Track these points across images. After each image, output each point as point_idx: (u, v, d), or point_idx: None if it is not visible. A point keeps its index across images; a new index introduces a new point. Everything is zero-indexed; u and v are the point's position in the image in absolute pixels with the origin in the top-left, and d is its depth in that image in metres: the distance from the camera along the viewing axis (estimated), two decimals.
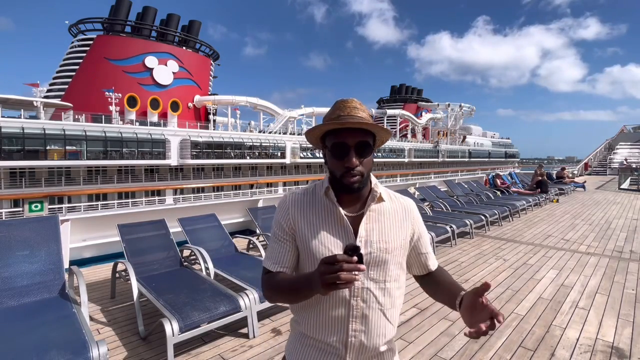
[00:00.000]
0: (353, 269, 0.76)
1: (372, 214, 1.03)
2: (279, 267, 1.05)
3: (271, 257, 1.07)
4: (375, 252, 1.00)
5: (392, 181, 40.43)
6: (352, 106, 0.98)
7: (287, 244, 1.05)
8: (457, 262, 4.75)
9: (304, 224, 1.03)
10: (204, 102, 34.22)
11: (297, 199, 1.07)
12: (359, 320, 0.99)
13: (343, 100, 1.01)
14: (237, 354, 2.53)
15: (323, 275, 0.78)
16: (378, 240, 1.01)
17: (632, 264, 4.66)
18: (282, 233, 1.06)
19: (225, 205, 24.58)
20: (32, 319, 2.34)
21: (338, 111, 0.98)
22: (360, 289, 0.99)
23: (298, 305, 1.06)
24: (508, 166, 66.65)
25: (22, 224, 2.96)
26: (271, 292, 1.03)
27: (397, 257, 1.04)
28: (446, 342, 2.67)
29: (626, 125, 31.91)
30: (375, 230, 1.02)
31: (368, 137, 0.99)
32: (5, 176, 19.54)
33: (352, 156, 0.96)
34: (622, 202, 11.06)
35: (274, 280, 1.03)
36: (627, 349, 2.58)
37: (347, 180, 0.97)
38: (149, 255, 3.70)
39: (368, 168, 1.00)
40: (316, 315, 1.01)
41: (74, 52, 30.17)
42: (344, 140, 0.96)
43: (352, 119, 0.95)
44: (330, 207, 1.03)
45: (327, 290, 0.79)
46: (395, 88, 75.72)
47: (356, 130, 0.97)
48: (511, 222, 7.57)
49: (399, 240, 1.04)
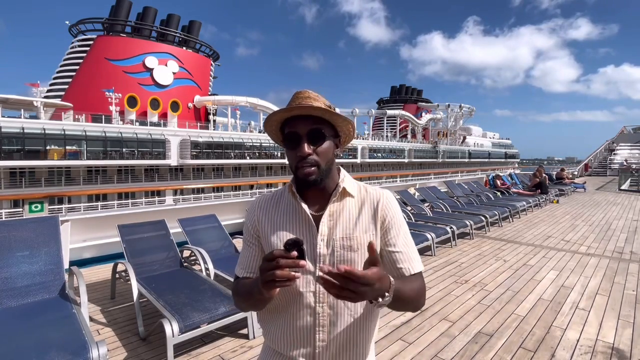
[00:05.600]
0: (291, 265, 0.71)
1: (334, 210, 0.96)
2: (246, 273, 1.00)
3: (240, 263, 1.03)
4: (339, 250, 0.92)
5: (392, 182, 40.40)
6: (305, 96, 0.93)
7: (254, 248, 1.01)
8: (457, 262, 4.75)
9: (268, 225, 0.98)
10: (204, 102, 34.21)
11: (264, 201, 1.03)
12: (327, 329, 0.92)
13: (298, 92, 0.96)
14: (237, 354, 2.53)
15: (262, 274, 0.74)
16: (341, 238, 0.93)
17: (632, 265, 4.66)
18: (249, 237, 1.02)
19: (225, 205, 24.55)
20: (32, 319, 2.34)
21: (292, 102, 0.94)
22: (326, 294, 0.90)
23: (263, 314, 1.01)
24: (508, 167, 66.61)
25: (22, 224, 2.96)
26: (236, 298, 0.99)
27: (366, 256, 0.96)
28: (446, 342, 2.66)
29: (626, 126, 31.93)
30: (338, 227, 0.94)
31: (322, 125, 0.92)
32: (5, 176, 19.52)
33: (303, 144, 0.89)
34: (622, 203, 11.06)
35: (237, 286, 0.99)
36: (627, 350, 2.58)
37: (301, 171, 0.90)
38: (149, 256, 3.70)
39: (325, 158, 0.92)
40: (281, 326, 0.96)
41: (74, 52, 30.16)
42: (295, 129, 0.91)
43: (301, 106, 0.89)
44: (295, 205, 0.97)
45: (268, 290, 0.75)
46: (395, 88, 75.78)
47: (308, 118, 0.91)
48: (511, 223, 7.57)
49: (367, 236, 0.94)
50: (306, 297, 0.92)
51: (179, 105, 32.44)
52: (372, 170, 40.41)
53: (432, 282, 4.01)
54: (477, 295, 3.61)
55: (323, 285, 0.70)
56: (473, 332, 2.83)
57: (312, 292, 0.92)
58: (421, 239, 4.98)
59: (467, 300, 3.47)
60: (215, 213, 4.93)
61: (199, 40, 36.63)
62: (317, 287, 0.92)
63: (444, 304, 3.39)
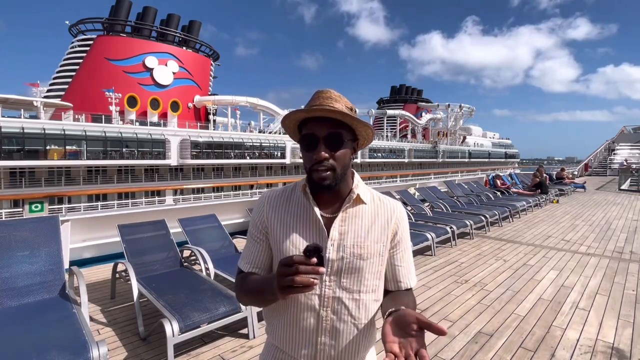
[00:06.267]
0: (310, 272, 0.70)
1: (347, 216, 0.94)
2: (251, 268, 1.00)
3: (245, 257, 1.02)
4: (348, 257, 0.91)
5: (392, 182, 40.39)
6: (327, 96, 0.90)
7: (261, 244, 1.00)
8: (457, 262, 4.75)
9: (277, 223, 0.96)
10: (204, 102, 34.21)
11: (273, 198, 1.01)
12: (329, 333, 0.92)
13: (320, 90, 0.92)
14: (237, 354, 2.53)
15: (279, 278, 0.72)
16: (352, 245, 0.92)
17: (632, 264, 4.66)
18: (256, 232, 1.00)
19: (225, 205, 24.54)
20: (32, 319, 2.34)
21: (312, 101, 0.91)
22: (331, 299, 0.91)
23: (268, 311, 1.01)
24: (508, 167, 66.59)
25: (22, 224, 2.96)
26: (241, 293, 0.98)
27: (374, 266, 0.94)
28: (446, 342, 2.66)
29: (626, 126, 31.92)
30: (350, 233, 0.93)
31: (342, 129, 0.89)
32: (5, 176, 19.52)
33: (320, 148, 0.87)
34: (622, 202, 11.06)
35: (244, 281, 0.98)
36: (627, 349, 2.58)
37: (315, 174, 0.88)
38: (149, 256, 3.70)
39: (342, 163, 0.90)
40: (285, 324, 0.95)
41: (74, 52, 30.17)
42: (312, 131, 0.88)
43: (321, 107, 0.86)
44: (306, 206, 0.95)
45: (284, 294, 0.73)
46: (395, 88, 75.76)
47: (327, 120, 0.88)
48: (511, 223, 7.57)
49: (377, 246, 0.94)
50: (311, 300, 0.91)
51: (179, 105, 32.44)
52: (372, 170, 40.40)
53: (432, 282, 4.01)
54: (477, 295, 3.62)
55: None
56: (473, 332, 2.84)
57: (317, 295, 0.91)
58: (421, 239, 4.98)
59: (467, 300, 3.47)
60: (215, 213, 4.92)
61: (199, 40, 36.63)
62: (322, 291, 0.91)
63: (444, 304, 3.39)
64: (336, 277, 0.91)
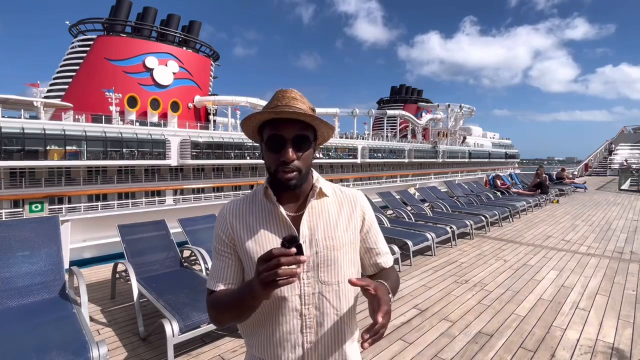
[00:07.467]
0: (292, 262, 0.69)
1: (314, 211, 0.95)
2: (224, 285, 0.94)
3: (213, 276, 0.96)
4: (322, 251, 0.92)
5: (392, 182, 40.40)
6: (291, 97, 0.90)
7: (229, 258, 0.96)
8: (457, 262, 4.75)
9: (243, 230, 0.94)
10: (204, 102, 34.24)
11: (234, 207, 0.98)
12: (314, 330, 0.92)
13: (282, 90, 0.92)
14: (237, 354, 2.53)
15: (261, 275, 0.70)
16: (324, 238, 0.92)
17: (632, 264, 4.66)
18: (222, 246, 0.96)
19: None
20: (32, 319, 2.34)
21: (276, 101, 0.90)
22: (312, 295, 0.91)
23: (246, 325, 0.98)
24: (508, 167, 66.61)
25: (22, 224, 2.96)
26: (215, 312, 0.91)
27: (348, 254, 0.96)
28: (446, 342, 2.66)
29: (626, 126, 31.94)
30: (319, 227, 0.93)
31: (307, 130, 0.91)
32: (5, 176, 19.53)
33: (288, 149, 0.87)
34: (622, 203, 11.06)
35: (217, 298, 0.92)
36: (627, 349, 2.58)
37: (281, 175, 0.88)
38: (149, 256, 3.70)
39: (306, 164, 0.91)
40: (268, 334, 0.93)
41: (74, 53, 30.20)
42: (280, 133, 0.88)
43: (290, 109, 0.87)
44: (271, 208, 0.95)
45: (268, 291, 0.72)
46: (395, 88, 75.81)
47: (294, 122, 0.88)
48: (511, 223, 7.56)
49: (347, 234, 0.96)
50: (291, 301, 0.90)
51: (179, 106, 32.46)
52: (372, 170, 40.41)
53: (432, 282, 4.01)
54: (477, 295, 3.62)
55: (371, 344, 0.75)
56: (473, 332, 2.83)
57: (298, 295, 0.91)
58: (421, 238, 4.97)
59: (467, 300, 3.47)
60: (215, 213, 4.92)
61: (199, 40, 36.65)
62: (302, 290, 0.91)
63: (444, 304, 3.39)
64: (314, 273, 0.91)
